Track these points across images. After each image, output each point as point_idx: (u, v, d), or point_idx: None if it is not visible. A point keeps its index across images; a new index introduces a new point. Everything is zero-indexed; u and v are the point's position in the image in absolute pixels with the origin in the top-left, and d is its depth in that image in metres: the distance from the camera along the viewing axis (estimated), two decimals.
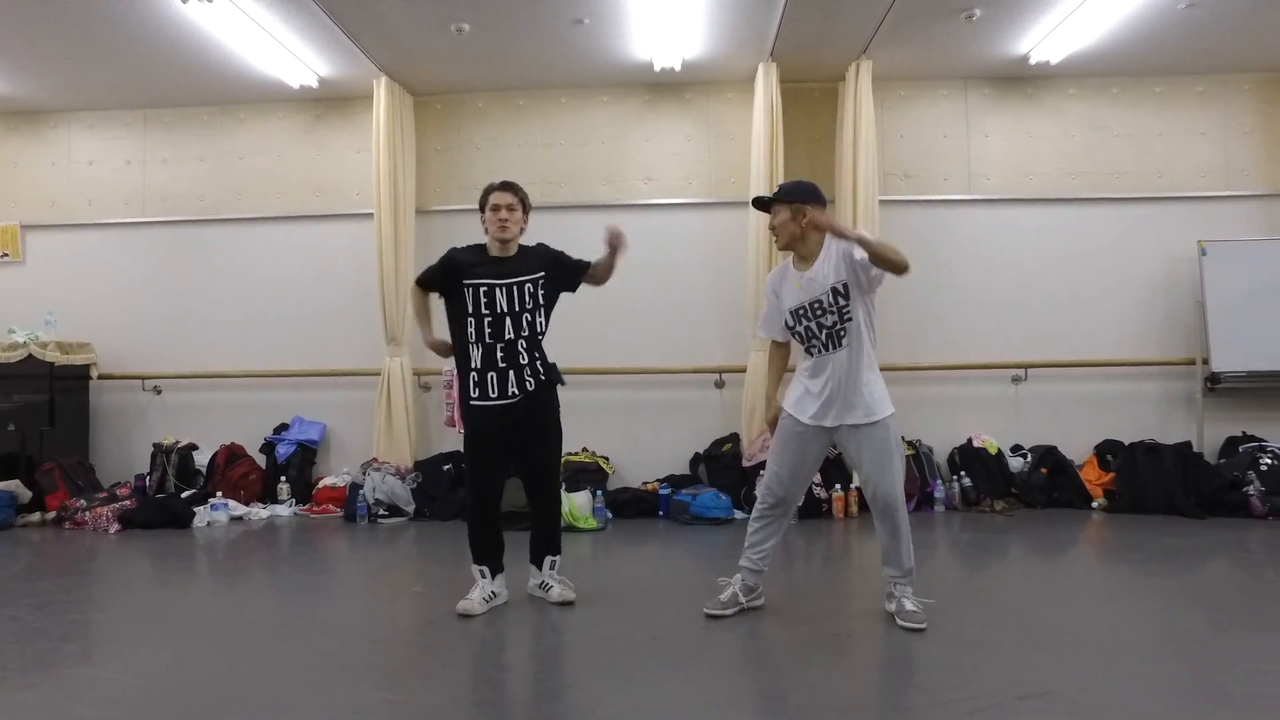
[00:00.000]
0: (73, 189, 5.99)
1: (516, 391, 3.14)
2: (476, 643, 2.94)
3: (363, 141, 5.71)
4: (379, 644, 2.92)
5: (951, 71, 5.60)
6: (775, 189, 3.15)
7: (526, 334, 3.16)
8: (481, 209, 3.26)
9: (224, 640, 2.93)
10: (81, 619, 3.20)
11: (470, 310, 3.15)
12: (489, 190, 3.24)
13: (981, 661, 2.58)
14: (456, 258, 3.23)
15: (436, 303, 3.31)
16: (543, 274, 3.19)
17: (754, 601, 3.18)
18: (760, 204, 3.16)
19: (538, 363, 3.19)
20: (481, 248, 3.27)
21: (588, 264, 3.28)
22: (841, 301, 2.94)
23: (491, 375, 3.14)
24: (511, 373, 3.14)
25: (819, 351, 3.00)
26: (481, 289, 3.14)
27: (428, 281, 3.30)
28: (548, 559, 3.32)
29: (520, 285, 3.16)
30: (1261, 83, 5.63)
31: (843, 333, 2.95)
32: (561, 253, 3.31)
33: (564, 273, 3.27)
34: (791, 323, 3.07)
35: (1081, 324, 5.61)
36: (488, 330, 3.14)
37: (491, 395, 3.14)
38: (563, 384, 3.29)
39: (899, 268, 2.79)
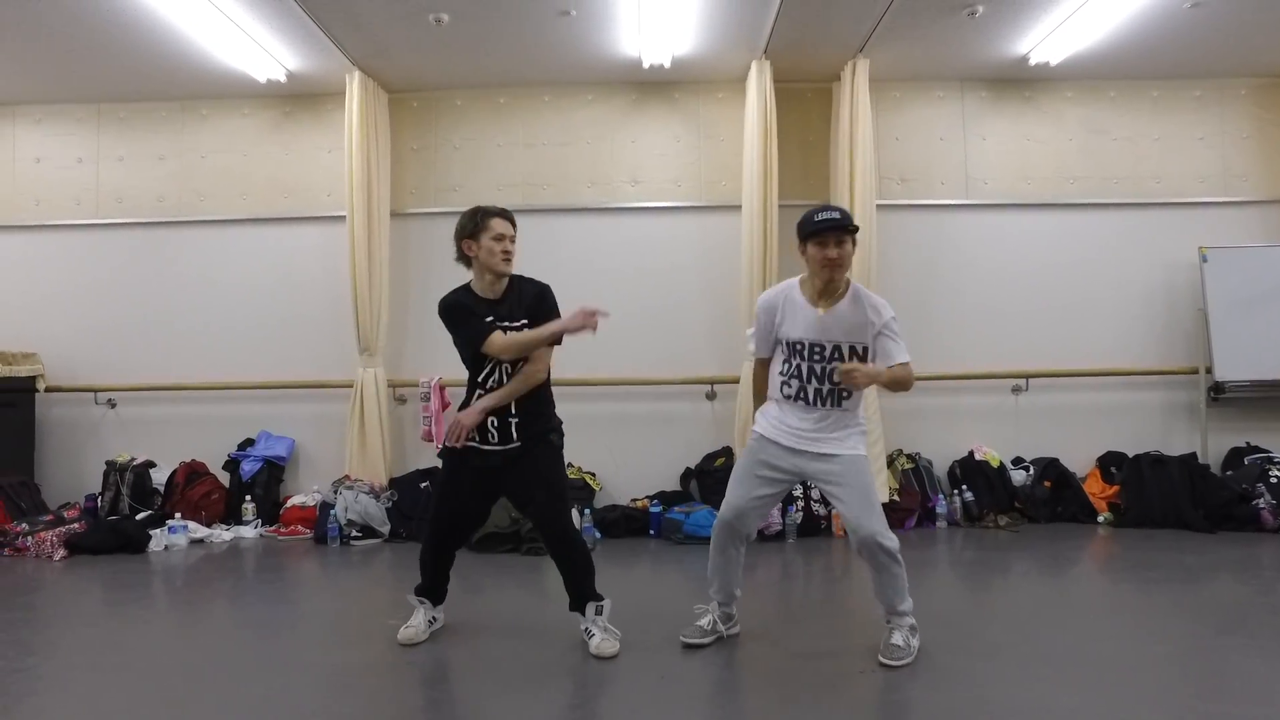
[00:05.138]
0: (18, 188, 5.60)
1: (497, 439, 2.88)
2: (448, 686, 2.65)
3: (334, 140, 5.40)
4: (342, 690, 2.61)
5: (948, 72, 5.44)
6: (828, 215, 2.70)
7: None
8: (472, 235, 2.84)
9: (162, 689, 2.61)
10: (4, 665, 2.84)
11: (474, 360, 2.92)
12: (487, 214, 2.84)
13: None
14: (465, 304, 2.89)
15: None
16: (526, 322, 2.89)
17: (731, 629, 3.01)
18: (828, 227, 2.68)
19: (529, 416, 2.90)
20: (466, 290, 2.95)
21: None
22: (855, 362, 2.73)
23: (491, 419, 2.88)
24: (495, 418, 2.87)
25: (814, 405, 2.76)
26: None
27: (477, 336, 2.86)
28: (589, 605, 2.95)
29: (519, 330, 2.88)
30: (1257, 88, 5.55)
31: (846, 394, 2.75)
32: (544, 291, 2.97)
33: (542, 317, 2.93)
34: (788, 354, 2.81)
35: (1081, 332, 5.46)
36: (491, 382, 2.90)
37: (474, 439, 2.89)
38: (559, 439, 3.01)
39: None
